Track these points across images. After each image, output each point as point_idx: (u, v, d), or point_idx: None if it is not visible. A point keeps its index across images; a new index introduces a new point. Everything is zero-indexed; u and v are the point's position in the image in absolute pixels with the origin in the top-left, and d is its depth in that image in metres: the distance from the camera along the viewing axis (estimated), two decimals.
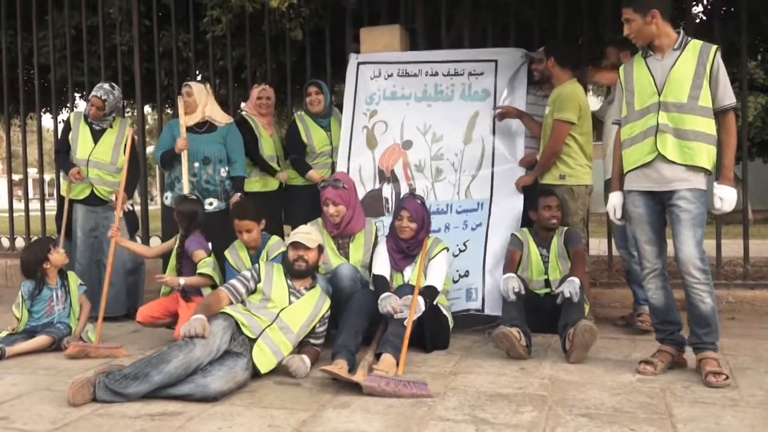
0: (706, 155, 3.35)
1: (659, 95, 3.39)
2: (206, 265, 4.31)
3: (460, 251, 4.77)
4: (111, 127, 5.23)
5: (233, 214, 4.45)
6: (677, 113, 3.35)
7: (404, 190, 5.02)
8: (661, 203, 3.50)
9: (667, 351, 3.54)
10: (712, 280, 3.47)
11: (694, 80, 3.34)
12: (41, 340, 4.15)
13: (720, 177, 3.39)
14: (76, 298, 4.44)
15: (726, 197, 3.35)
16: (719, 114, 3.37)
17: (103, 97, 5.10)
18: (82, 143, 5.15)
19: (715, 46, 3.39)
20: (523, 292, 4.03)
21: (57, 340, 4.18)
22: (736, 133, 3.45)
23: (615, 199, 3.68)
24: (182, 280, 4.23)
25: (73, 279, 4.50)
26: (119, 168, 5.09)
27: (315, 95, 5.27)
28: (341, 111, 5.35)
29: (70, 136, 5.22)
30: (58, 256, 4.34)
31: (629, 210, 3.60)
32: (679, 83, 3.36)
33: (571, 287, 3.90)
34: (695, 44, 3.40)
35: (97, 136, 5.18)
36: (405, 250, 4.18)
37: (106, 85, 5.21)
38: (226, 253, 4.46)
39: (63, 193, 5.28)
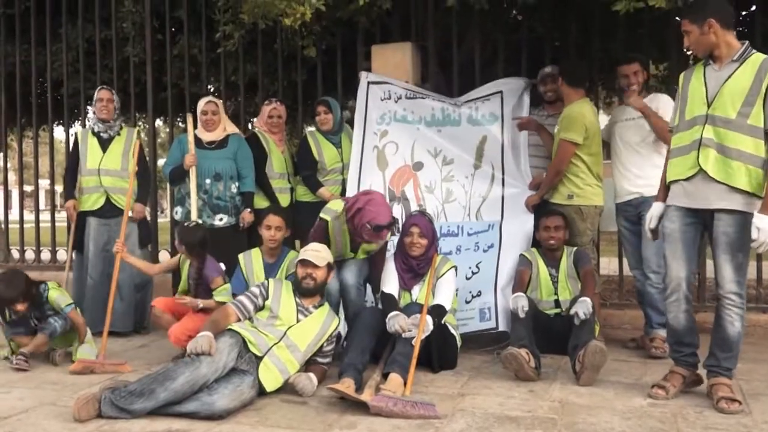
0: (746, 177, 3.18)
1: (708, 107, 3.27)
2: (224, 292, 4.22)
3: (473, 273, 4.74)
4: (119, 134, 5.25)
5: (269, 210, 4.53)
6: (723, 129, 3.21)
7: (414, 210, 5.00)
8: (701, 222, 3.39)
9: (679, 373, 3.47)
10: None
11: (747, 96, 3.18)
12: (38, 339, 4.19)
13: (761, 205, 3.14)
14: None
15: (763, 227, 3.08)
16: None
17: (109, 88, 5.19)
18: (91, 153, 5.17)
19: None
20: (526, 308, 3.98)
21: (50, 333, 4.21)
22: None
23: (655, 209, 3.57)
24: (201, 304, 4.18)
25: (55, 302, 4.31)
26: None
27: (324, 114, 5.24)
28: (352, 127, 5.34)
29: (79, 150, 5.23)
30: (21, 308, 4.22)
31: (665, 225, 3.49)
32: (730, 97, 3.21)
33: (584, 308, 3.86)
34: (757, 58, 3.22)
35: (105, 144, 5.19)
36: (414, 268, 4.14)
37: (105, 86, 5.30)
38: (240, 256, 4.47)
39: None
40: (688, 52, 3.33)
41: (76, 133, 5.45)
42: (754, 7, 5.41)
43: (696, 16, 3.30)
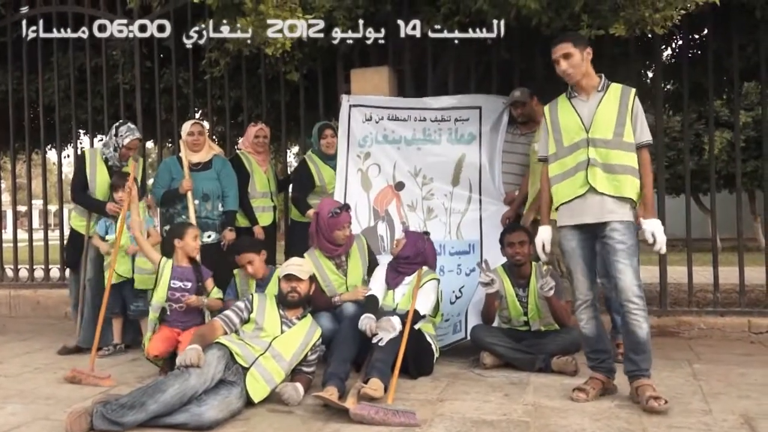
0: (631, 186, 3.38)
1: (587, 132, 3.42)
2: (217, 291, 4.35)
3: (457, 298, 4.76)
4: (127, 164, 5.03)
5: (234, 250, 4.45)
6: (604, 149, 3.39)
7: (398, 228, 5.01)
8: (593, 236, 3.49)
9: (598, 378, 3.52)
10: (649, 306, 3.50)
11: (618, 119, 3.39)
12: None
13: (644, 212, 3.40)
14: None
15: (656, 230, 3.33)
16: (637, 150, 3.41)
17: (140, 137, 4.99)
18: (100, 182, 4.96)
19: (633, 90, 3.46)
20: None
21: None
22: (653, 168, 3.49)
23: (545, 233, 3.62)
24: (206, 301, 4.22)
25: None
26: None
27: (331, 138, 5.23)
28: None
29: (88, 173, 4.98)
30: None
31: (562, 244, 3.58)
32: (604, 122, 3.40)
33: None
34: (616, 87, 3.47)
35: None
36: (394, 265, 4.30)
37: (131, 125, 5.00)
38: (236, 271, 4.48)
39: (77, 228, 5.08)
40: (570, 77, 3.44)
41: (83, 155, 5.15)
42: (706, 30, 5.50)
43: (579, 40, 3.45)
